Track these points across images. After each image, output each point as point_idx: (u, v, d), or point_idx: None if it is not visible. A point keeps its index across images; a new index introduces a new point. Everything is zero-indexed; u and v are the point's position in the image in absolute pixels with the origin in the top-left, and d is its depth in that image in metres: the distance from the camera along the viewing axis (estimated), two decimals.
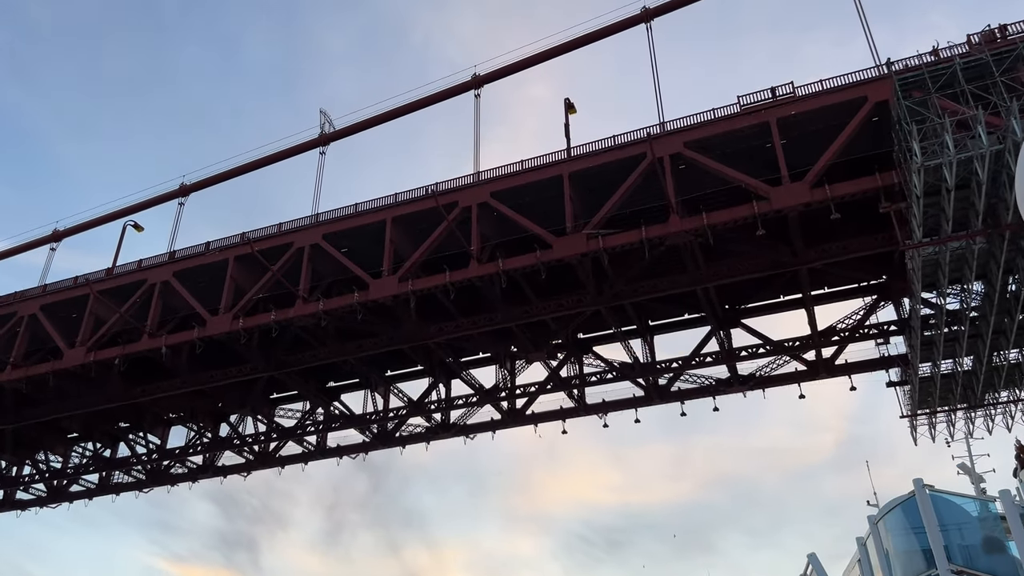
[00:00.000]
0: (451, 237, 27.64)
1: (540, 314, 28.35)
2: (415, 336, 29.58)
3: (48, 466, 42.90)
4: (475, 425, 36.93)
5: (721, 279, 26.73)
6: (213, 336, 29.36)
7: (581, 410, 35.18)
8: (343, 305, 27.77)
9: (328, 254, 29.19)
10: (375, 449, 38.53)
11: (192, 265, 31.28)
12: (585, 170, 26.66)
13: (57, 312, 32.98)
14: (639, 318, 33.38)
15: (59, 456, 43.03)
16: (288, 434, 38.79)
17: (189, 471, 41.07)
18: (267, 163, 32.76)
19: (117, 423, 41.32)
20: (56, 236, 34.97)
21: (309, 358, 31.28)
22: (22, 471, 43.24)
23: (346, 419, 37.43)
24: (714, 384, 33.63)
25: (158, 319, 30.85)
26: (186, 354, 31.43)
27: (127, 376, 33.31)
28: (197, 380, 32.24)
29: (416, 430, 37.83)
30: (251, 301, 29.17)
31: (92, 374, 30.90)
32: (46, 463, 42.96)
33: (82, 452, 42.59)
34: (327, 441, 39.26)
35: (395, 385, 37.92)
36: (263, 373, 31.69)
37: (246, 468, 40.20)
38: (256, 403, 36.60)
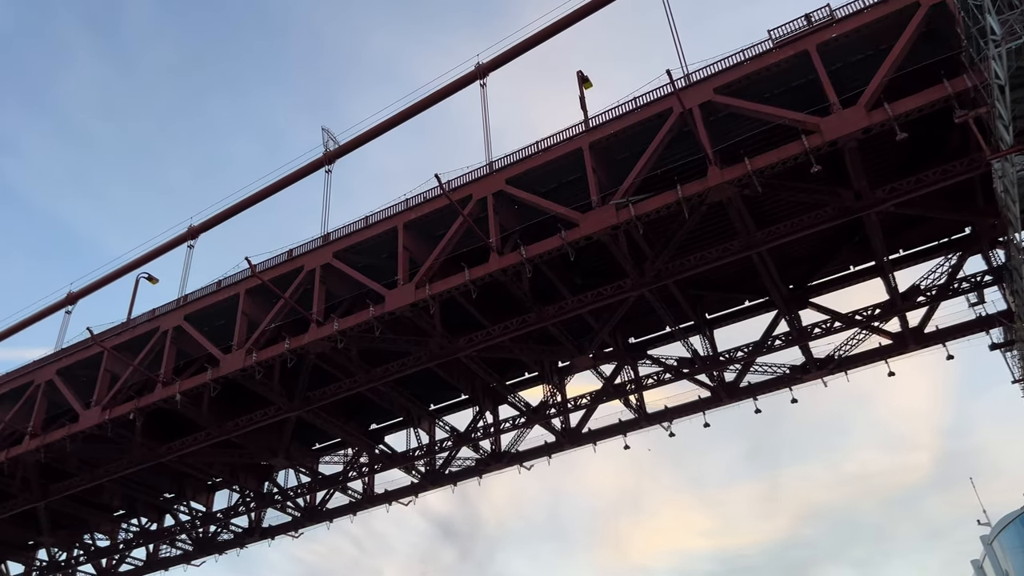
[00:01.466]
0: (469, 235, 24.97)
1: (576, 308, 25.20)
2: (444, 351, 26.71)
3: (96, 546, 41.04)
4: (528, 452, 33.69)
5: (778, 239, 23.21)
6: (228, 376, 27.00)
7: (642, 420, 31.62)
8: (359, 323, 25.14)
9: (342, 273, 26.76)
10: (424, 490, 35.48)
11: (203, 306, 29.22)
12: (607, 139, 23.74)
13: (74, 374, 31.24)
14: (694, 310, 29.98)
15: (106, 535, 41.22)
16: (330, 483, 36.06)
17: (235, 536, 38.64)
18: (274, 191, 30.82)
19: (160, 495, 39.38)
20: (71, 299, 33.51)
21: (334, 390, 28.63)
22: (72, 554, 41.52)
23: (389, 459, 34.56)
24: (788, 373, 29.83)
25: (173, 367, 28.71)
26: (206, 402, 29.20)
27: (151, 435, 31.23)
28: (222, 430, 29.88)
29: (467, 463, 34.78)
30: (265, 334, 26.79)
31: (109, 433, 28.79)
32: (93, 543, 41.13)
33: (127, 529, 40.68)
34: (374, 488, 36.51)
35: (440, 419, 35.07)
36: (288, 413, 29.16)
37: (293, 527, 37.56)
38: (293, 452, 34.05)
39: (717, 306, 31.16)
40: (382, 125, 29.17)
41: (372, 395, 33.04)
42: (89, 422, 28.99)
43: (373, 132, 29.27)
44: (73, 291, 33.61)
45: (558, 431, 32.79)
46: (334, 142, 30.01)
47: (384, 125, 29.21)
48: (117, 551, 40.46)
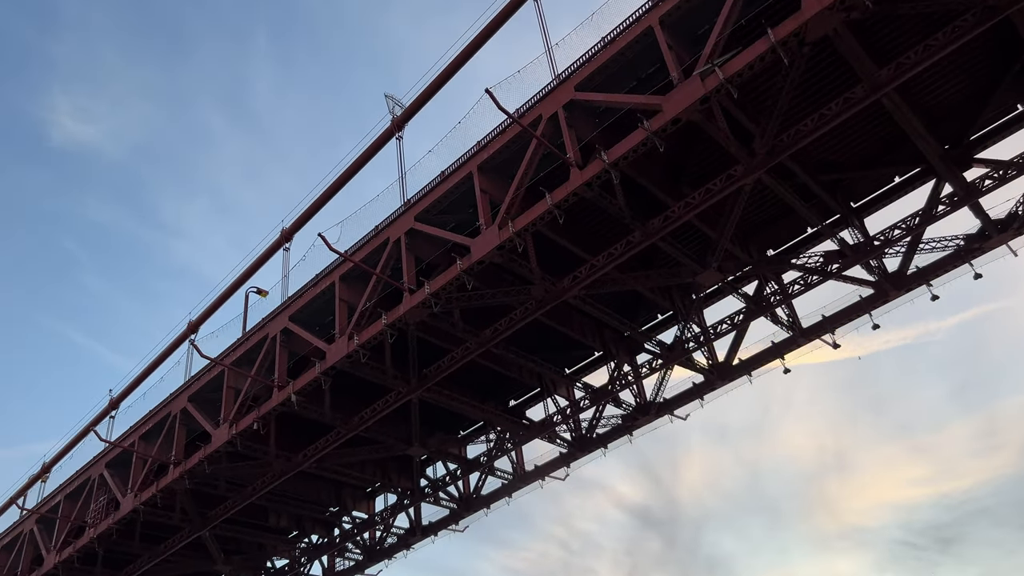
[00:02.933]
0: (548, 161, 22.29)
1: (684, 214, 21.79)
2: (549, 295, 24.06)
3: (274, 567, 41.58)
4: (676, 398, 30.41)
5: (909, 71, 18.74)
6: (336, 366, 25.69)
7: (799, 337, 27.60)
8: (449, 280, 23.01)
9: (428, 236, 24.79)
10: (575, 459, 32.88)
11: (304, 303, 28.19)
12: (679, 6, 20.21)
13: (205, 398, 31.21)
14: (834, 197, 25.71)
15: (283, 555, 41.66)
16: (475, 466, 34.29)
17: (399, 538, 37.76)
18: (352, 173, 29.36)
19: (325, 509, 39.25)
20: (192, 327, 33.66)
21: (448, 363, 26.67)
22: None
23: (528, 431, 32.31)
24: (962, 245, 24.88)
25: (286, 370, 27.85)
26: (327, 400, 28.12)
27: (287, 445, 30.68)
28: (349, 426, 28.71)
29: (614, 421, 31.94)
30: (364, 315, 25.28)
31: (239, 448, 28.31)
32: (273, 565, 41.70)
33: (300, 548, 40.88)
34: (524, 466, 34.39)
35: (578, 381, 32.49)
36: (408, 395, 27.53)
37: (453, 519, 36.14)
38: (432, 441, 32.52)
39: (861, 190, 26.66)
40: (440, 77, 26.95)
41: (502, 368, 31.08)
42: (219, 440, 28.69)
43: (434, 86, 27.12)
44: (192, 320, 33.77)
45: (705, 368, 29.33)
46: (399, 106, 28.17)
47: (443, 76, 26.97)
48: (294, 570, 40.80)
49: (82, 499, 35.82)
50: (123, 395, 36.73)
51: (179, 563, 36.83)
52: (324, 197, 30.19)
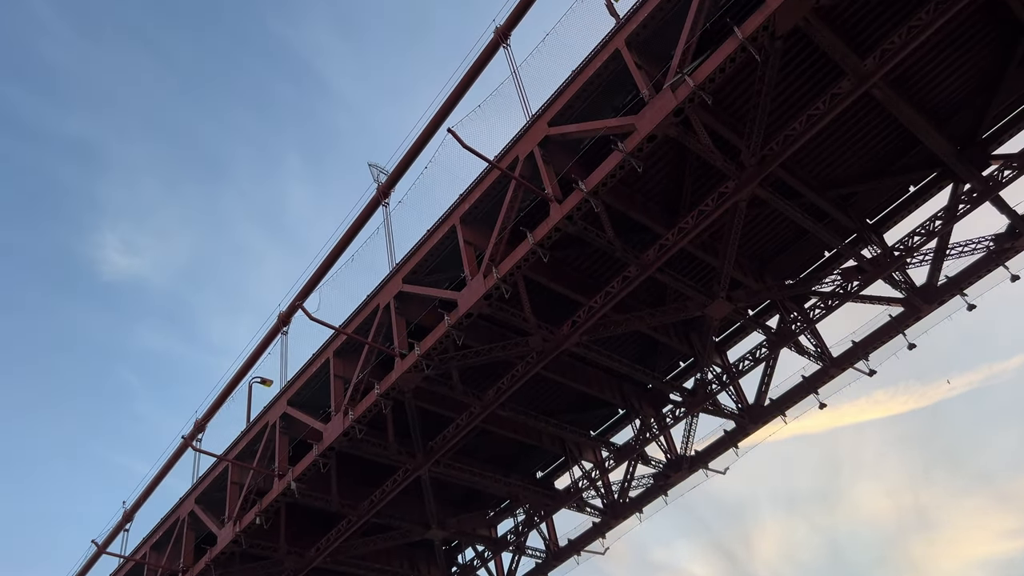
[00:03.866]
0: (530, 201, 21.18)
1: (678, 242, 20.29)
2: (548, 347, 22.45)
3: None
4: (709, 449, 28.19)
5: (896, 54, 17.42)
6: (334, 447, 24.14)
7: (831, 368, 25.46)
8: (439, 338, 21.60)
9: (416, 297, 23.59)
10: (610, 527, 30.45)
11: (300, 385, 26.92)
12: (644, 24, 19.22)
13: (211, 498, 29.70)
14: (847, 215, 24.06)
15: None
16: (502, 546, 31.94)
17: None
18: (344, 246, 28.49)
19: None
20: (198, 426, 32.45)
21: (454, 431, 24.95)
22: None
23: (555, 500, 30.06)
24: (992, 247, 22.89)
25: (287, 457, 26.33)
26: (335, 486, 26.48)
27: (298, 540, 28.81)
28: (358, 511, 26.88)
29: (646, 483, 29.64)
30: (359, 389, 23.87)
31: (243, 547, 26.54)
32: None
33: None
34: (557, 541, 31.97)
35: (605, 441, 30.43)
36: (417, 471, 25.72)
37: None
38: (452, 522, 30.34)
39: (874, 204, 24.97)
40: (420, 138, 26.25)
41: (523, 436, 29.32)
42: (224, 540, 26.97)
43: (415, 149, 26.38)
44: (198, 418, 32.60)
45: (734, 413, 27.17)
46: (383, 173, 27.48)
47: (423, 136, 26.29)
48: None
49: None
50: (136, 505, 35.40)
51: None
52: (318, 274, 29.22)
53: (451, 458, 27.74)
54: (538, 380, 28.49)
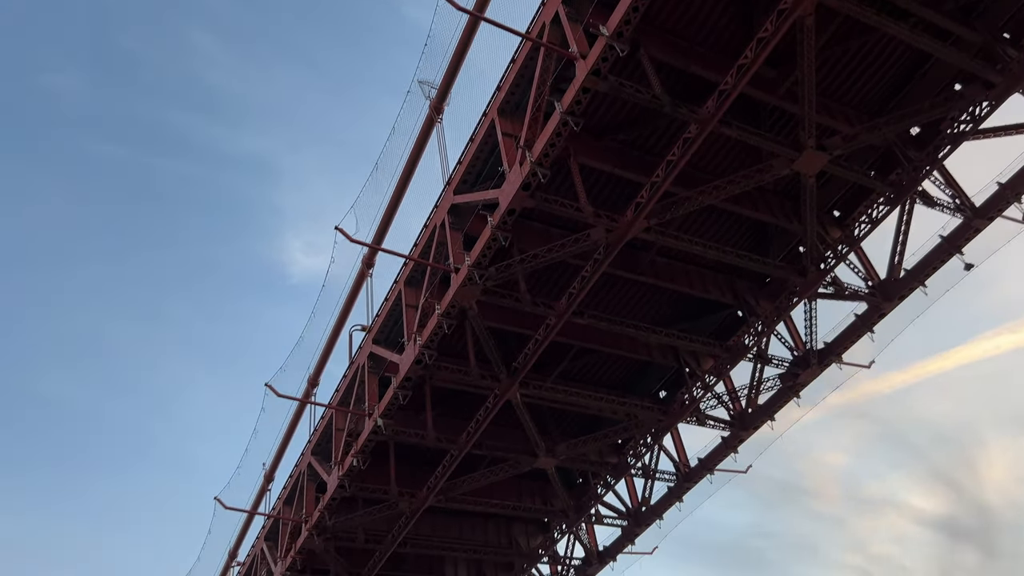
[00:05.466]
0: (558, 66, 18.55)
1: (738, 85, 16.88)
2: (612, 238, 19.73)
3: None
4: (840, 338, 24.39)
5: None
6: (409, 376, 22.93)
7: (974, 218, 20.95)
8: (486, 243, 19.58)
9: (465, 208, 21.66)
10: (741, 440, 27.39)
11: (382, 322, 25.91)
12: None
13: (324, 449, 29.65)
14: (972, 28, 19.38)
15: None
16: (622, 470, 29.66)
17: (576, 570, 33.67)
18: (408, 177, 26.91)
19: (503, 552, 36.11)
20: (312, 382, 32.50)
21: (533, 349, 22.92)
22: None
23: (668, 417, 27.29)
24: None
25: (376, 397, 25.47)
26: (429, 416, 25.36)
27: (408, 481, 28.04)
28: (458, 444, 25.66)
29: (773, 386, 26.30)
30: (426, 314, 22.42)
31: (349, 491, 26.10)
32: None
33: None
34: (687, 462, 29.32)
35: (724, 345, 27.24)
36: (506, 396, 23.98)
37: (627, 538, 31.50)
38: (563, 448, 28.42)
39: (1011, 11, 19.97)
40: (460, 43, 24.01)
41: (630, 353, 26.90)
42: (332, 487, 26.72)
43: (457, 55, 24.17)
44: (310, 374, 32.67)
45: (863, 291, 23.19)
46: (432, 88, 25.56)
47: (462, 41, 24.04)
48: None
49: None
50: (274, 465, 36.33)
51: None
52: (390, 211, 28.00)
53: (554, 382, 25.97)
54: (636, 288, 25.96)
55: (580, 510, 30.43)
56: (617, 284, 25.22)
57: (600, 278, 23.46)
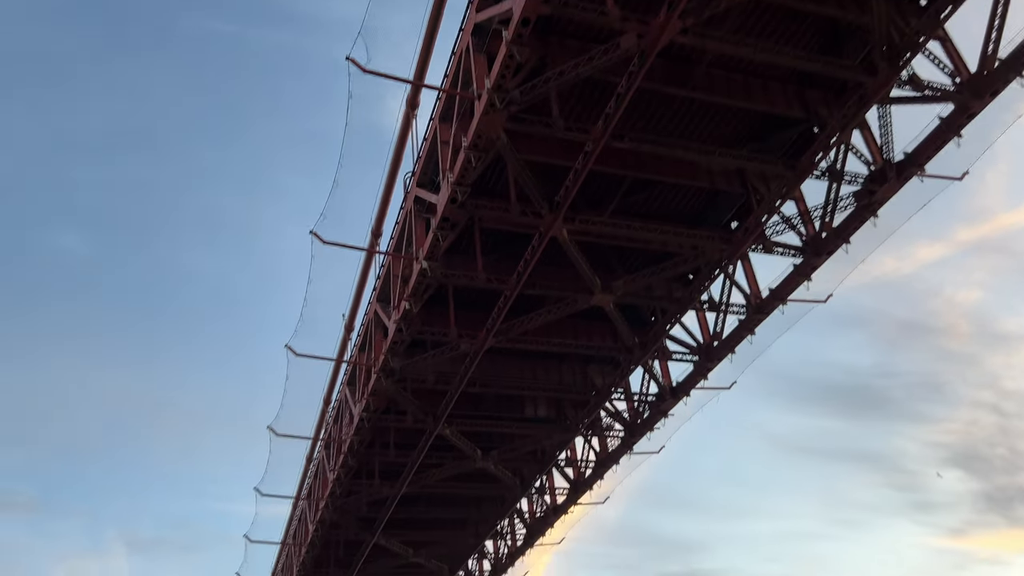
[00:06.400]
0: None
1: None
2: (645, 44, 17.63)
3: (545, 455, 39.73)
4: (924, 145, 21.68)
5: None
6: (448, 218, 22.20)
7: None
8: (502, 62, 17.95)
9: (486, 27, 19.80)
10: (815, 267, 25.54)
11: (422, 165, 25.01)
12: None
13: (386, 295, 29.80)
14: None
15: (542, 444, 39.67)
16: (685, 305, 28.45)
17: (650, 406, 33.55)
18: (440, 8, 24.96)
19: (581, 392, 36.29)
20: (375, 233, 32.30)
21: (573, 180, 21.49)
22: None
23: (731, 245, 25.57)
24: None
25: (424, 242, 25.00)
26: (479, 262, 24.80)
27: (468, 325, 27.89)
28: (508, 284, 25.12)
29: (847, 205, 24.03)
30: (457, 148, 21.30)
31: (404, 334, 26.24)
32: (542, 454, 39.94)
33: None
34: (759, 293, 27.81)
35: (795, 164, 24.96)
36: (551, 232, 22.90)
37: (699, 373, 30.85)
38: (620, 284, 27.36)
39: None
40: None
41: (690, 180, 25.19)
42: (391, 331, 27.00)
43: None
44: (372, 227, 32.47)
45: (948, 89, 20.26)
46: None
47: None
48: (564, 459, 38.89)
49: (341, 423, 37.17)
50: (352, 314, 37.18)
51: (443, 465, 36.63)
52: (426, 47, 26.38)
53: (610, 216, 24.72)
54: (691, 107, 23.79)
55: (646, 347, 29.65)
56: (668, 103, 23.12)
57: (648, 96, 21.73)
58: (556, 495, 41.29)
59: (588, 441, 38.25)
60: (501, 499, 41.22)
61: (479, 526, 44.06)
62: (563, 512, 41.06)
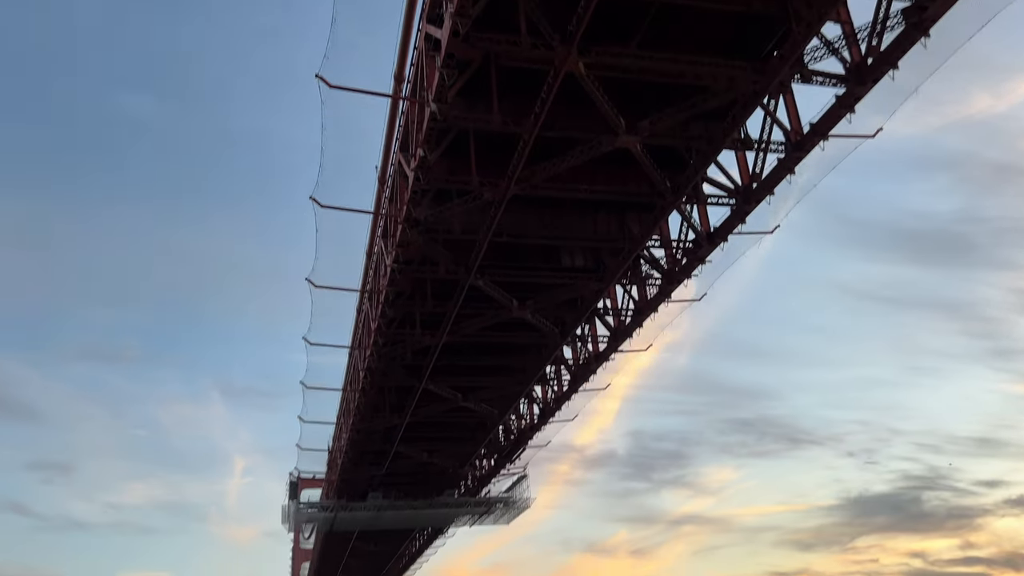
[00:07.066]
0: None
1: None
2: None
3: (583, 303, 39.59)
4: None
5: None
6: (452, 53, 20.92)
7: None
8: None
9: None
10: (857, 99, 23.49)
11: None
12: None
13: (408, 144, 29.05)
14: None
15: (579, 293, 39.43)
16: (718, 140, 26.82)
17: (687, 252, 32.67)
18: None
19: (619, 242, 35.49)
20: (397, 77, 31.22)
21: (585, 6, 19.79)
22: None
23: (763, 76, 23.59)
24: None
25: (435, 80, 23.86)
26: (495, 102, 23.65)
27: (491, 172, 27.08)
28: (525, 127, 24.01)
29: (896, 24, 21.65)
30: None
31: (423, 182, 25.64)
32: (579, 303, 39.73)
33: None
34: (800, 128, 25.97)
35: None
36: (565, 66, 21.43)
37: (737, 218, 29.67)
38: (645, 124, 25.83)
39: None
40: None
41: (730, 5, 23.05)
42: (411, 180, 26.45)
43: None
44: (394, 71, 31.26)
45: None
46: None
47: None
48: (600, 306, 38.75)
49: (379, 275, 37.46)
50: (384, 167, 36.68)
51: (481, 315, 36.96)
52: None
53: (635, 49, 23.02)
54: None
55: (679, 190, 28.40)
56: None
57: None
58: (598, 343, 41.58)
59: (627, 290, 37.90)
60: (542, 347, 41.70)
61: (523, 373, 44.95)
62: (604, 359, 41.42)
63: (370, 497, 61.23)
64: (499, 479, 63.22)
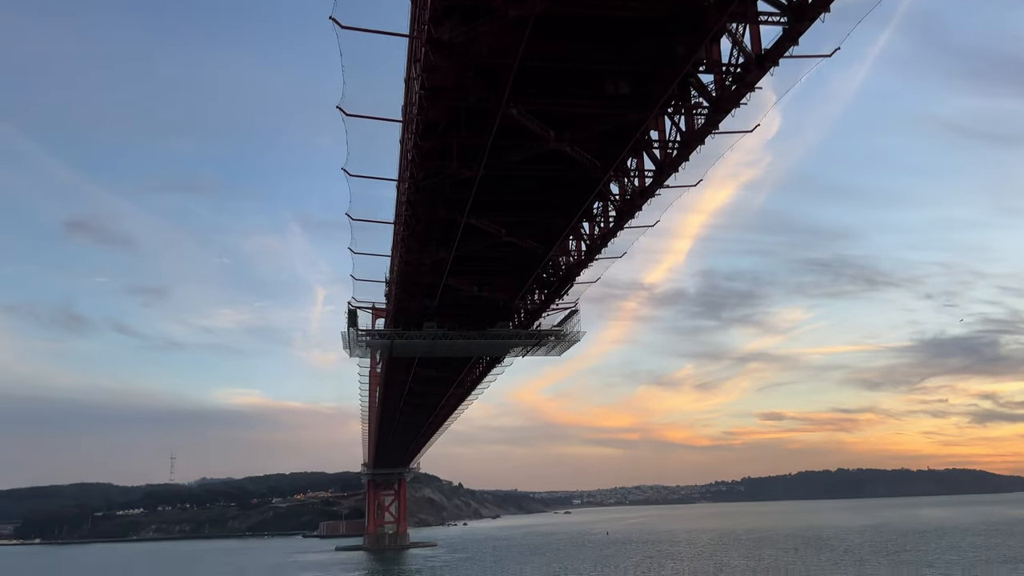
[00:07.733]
0: None
1: None
2: None
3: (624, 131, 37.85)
4: None
5: None
6: None
7: None
8: None
9: None
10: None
11: None
12: None
13: None
14: None
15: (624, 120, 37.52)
16: None
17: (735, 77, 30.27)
18: None
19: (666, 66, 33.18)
20: None
21: None
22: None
23: None
24: None
25: None
26: None
27: None
28: None
29: None
30: None
31: None
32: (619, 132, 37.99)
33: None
34: None
35: None
36: None
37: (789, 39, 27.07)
38: None
39: None
40: None
41: None
42: None
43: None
44: None
45: None
46: None
47: None
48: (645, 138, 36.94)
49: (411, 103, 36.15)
50: None
51: (519, 147, 35.73)
52: None
53: None
54: None
55: (724, 5, 25.88)
56: None
57: None
58: (644, 178, 40.05)
59: (675, 121, 35.86)
60: (585, 182, 40.48)
61: (566, 209, 44.09)
62: (650, 195, 40.05)
63: (425, 327, 63.03)
64: (550, 313, 64.00)
